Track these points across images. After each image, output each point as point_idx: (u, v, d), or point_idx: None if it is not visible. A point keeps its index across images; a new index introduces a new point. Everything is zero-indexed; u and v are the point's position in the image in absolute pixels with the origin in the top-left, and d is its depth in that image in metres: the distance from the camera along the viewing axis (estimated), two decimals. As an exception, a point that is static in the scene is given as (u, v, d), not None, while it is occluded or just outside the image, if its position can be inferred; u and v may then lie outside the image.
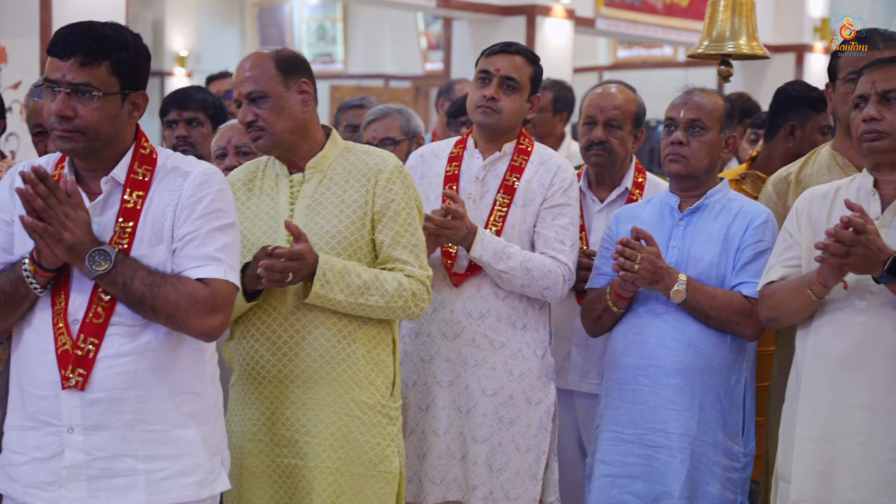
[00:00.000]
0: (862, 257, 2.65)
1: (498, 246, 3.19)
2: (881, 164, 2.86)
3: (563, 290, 3.25)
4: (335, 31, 15.09)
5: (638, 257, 3.06)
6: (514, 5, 7.98)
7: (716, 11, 3.64)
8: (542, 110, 5.68)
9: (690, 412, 3.10)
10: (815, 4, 9.60)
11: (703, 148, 3.18)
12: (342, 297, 2.76)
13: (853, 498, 2.78)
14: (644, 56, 12.95)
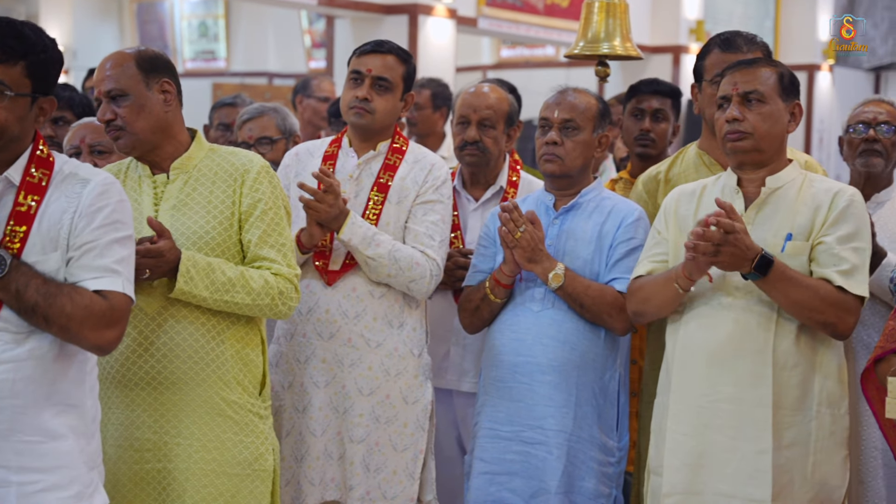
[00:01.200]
0: (731, 255, 2.73)
1: (368, 232, 3.17)
2: (744, 163, 2.94)
3: (429, 286, 3.25)
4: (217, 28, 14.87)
5: (522, 226, 3.09)
6: (396, 4, 7.98)
7: (591, 13, 3.70)
8: (422, 108, 5.69)
9: (566, 408, 3.14)
10: (690, 7, 9.83)
11: (577, 148, 3.23)
12: (207, 294, 2.72)
13: (722, 489, 2.85)
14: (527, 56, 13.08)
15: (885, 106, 3.69)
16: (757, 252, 2.74)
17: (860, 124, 3.65)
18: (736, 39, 3.35)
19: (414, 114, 5.77)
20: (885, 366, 2.84)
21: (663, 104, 4.14)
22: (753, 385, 2.83)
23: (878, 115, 3.64)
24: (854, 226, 2.87)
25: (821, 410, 2.87)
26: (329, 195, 3.12)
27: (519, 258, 3.13)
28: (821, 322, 2.82)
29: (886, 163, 3.64)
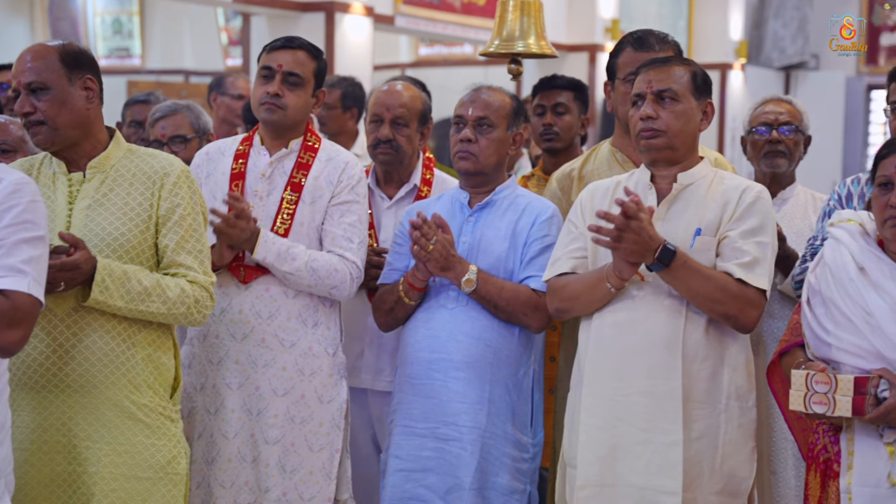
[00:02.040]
0: (633, 243, 2.74)
1: (282, 248, 3.15)
2: (657, 160, 2.98)
3: (351, 288, 3.24)
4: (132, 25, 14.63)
5: (434, 238, 3.09)
6: (313, 2, 7.93)
7: (505, 12, 3.71)
8: (332, 107, 5.67)
9: (480, 405, 3.15)
10: (605, 6, 9.93)
11: (491, 145, 3.24)
12: (122, 304, 2.68)
13: (634, 480, 2.88)
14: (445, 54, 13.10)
15: (785, 105, 3.76)
16: (660, 243, 2.77)
17: (762, 126, 3.72)
18: (648, 38, 3.39)
19: (323, 113, 5.75)
20: (789, 359, 2.90)
21: (564, 97, 4.20)
22: (664, 378, 2.87)
23: (780, 116, 3.71)
24: (758, 221, 2.92)
25: (729, 403, 2.92)
26: (241, 220, 3.10)
27: (432, 268, 3.14)
28: (723, 314, 2.85)
29: (790, 162, 3.72)
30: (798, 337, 2.89)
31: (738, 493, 2.94)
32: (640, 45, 3.36)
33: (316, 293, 3.22)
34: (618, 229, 2.72)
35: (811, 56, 11.73)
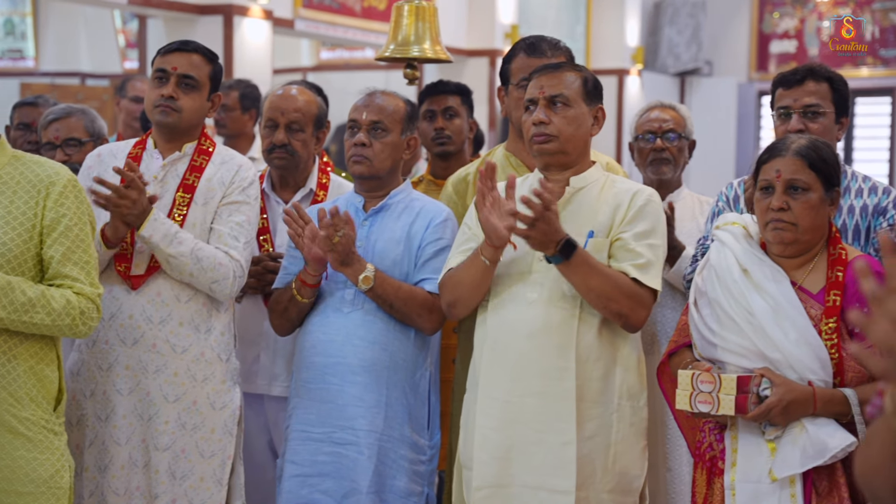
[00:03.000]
0: (543, 233, 2.77)
1: (170, 230, 3.11)
2: (550, 164, 3.02)
3: (232, 287, 3.20)
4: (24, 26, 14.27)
5: (341, 231, 3.09)
6: (211, 4, 7.84)
7: (400, 16, 3.72)
8: (231, 109, 5.63)
9: (377, 408, 3.16)
10: (505, 12, 10.00)
11: (385, 149, 3.25)
12: (4, 315, 2.63)
13: (529, 481, 2.91)
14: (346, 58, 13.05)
15: (669, 112, 3.84)
16: (563, 236, 2.80)
17: (647, 133, 3.80)
18: (541, 44, 3.43)
19: (222, 115, 5.71)
20: (677, 359, 2.96)
21: (453, 101, 4.25)
22: (558, 379, 2.90)
23: (663, 124, 3.79)
24: (650, 224, 2.98)
25: (621, 403, 2.97)
26: (132, 191, 3.04)
27: (332, 261, 3.13)
28: (615, 311, 2.90)
29: (675, 168, 3.81)
30: (686, 338, 2.95)
31: (630, 491, 2.99)
32: (532, 51, 3.40)
33: (197, 285, 3.16)
34: (534, 218, 2.75)
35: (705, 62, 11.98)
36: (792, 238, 2.76)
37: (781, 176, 2.75)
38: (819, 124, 3.31)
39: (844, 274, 2.77)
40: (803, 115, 3.31)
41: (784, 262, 2.83)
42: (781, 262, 2.83)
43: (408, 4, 3.64)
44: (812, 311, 2.75)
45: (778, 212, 2.75)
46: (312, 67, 13.14)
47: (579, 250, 2.83)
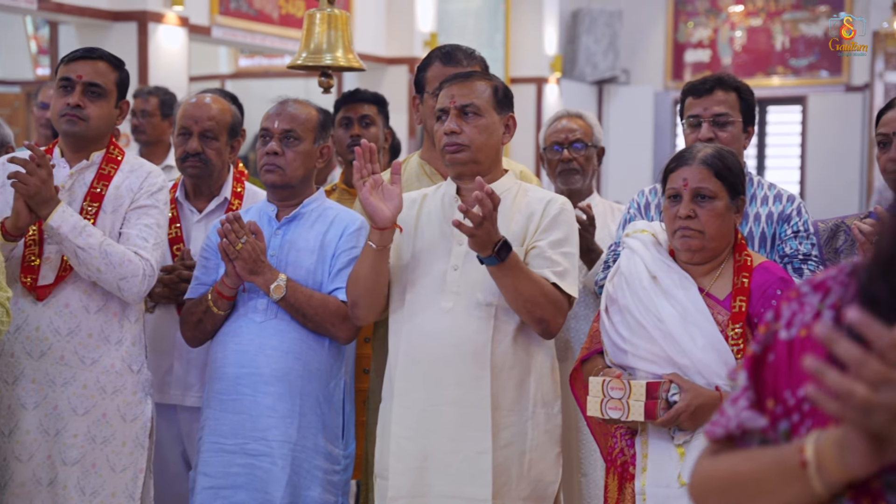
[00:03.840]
0: (488, 233, 2.77)
1: (79, 222, 3.05)
2: (463, 173, 3.03)
3: (142, 286, 3.15)
4: (-67, 32, 13.95)
5: (244, 238, 3.06)
6: (125, 11, 7.72)
7: (312, 24, 3.70)
8: (151, 115, 5.56)
9: (291, 419, 3.13)
10: (424, 20, 10.02)
11: (298, 158, 3.23)
12: None
13: (445, 490, 2.91)
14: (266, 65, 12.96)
15: (576, 121, 3.88)
16: (500, 238, 2.81)
17: (555, 144, 3.84)
18: (456, 53, 3.44)
19: (142, 121, 5.64)
20: (590, 366, 2.99)
21: (369, 110, 4.25)
22: (473, 387, 2.91)
23: (570, 135, 3.83)
24: (564, 232, 3.00)
25: (536, 410, 2.98)
26: (42, 169, 2.98)
27: (240, 270, 3.10)
28: (538, 317, 2.90)
29: (584, 177, 3.84)
30: (598, 344, 2.98)
31: (545, 498, 3.01)
32: (447, 60, 3.42)
33: (105, 283, 3.11)
34: (483, 217, 2.75)
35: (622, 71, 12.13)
36: (699, 245, 2.81)
37: (688, 185, 2.80)
38: (728, 133, 3.37)
39: (750, 280, 2.83)
40: (713, 123, 3.36)
41: (692, 268, 2.87)
42: (689, 269, 2.87)
43: (320, 12, 3.63)
44: (719, 317, 2.79)
45: (685, 220, 2.79)
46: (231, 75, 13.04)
47: (513, 253, 2.84)
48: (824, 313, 1.37)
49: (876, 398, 1.16)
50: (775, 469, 1.32)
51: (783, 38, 11.19)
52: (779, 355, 1.39)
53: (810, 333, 1.37)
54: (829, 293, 1.38)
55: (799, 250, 3.25)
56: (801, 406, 1.35)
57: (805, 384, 1.31)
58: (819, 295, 1.39)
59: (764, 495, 1.34)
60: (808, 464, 1.27)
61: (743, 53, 11.55)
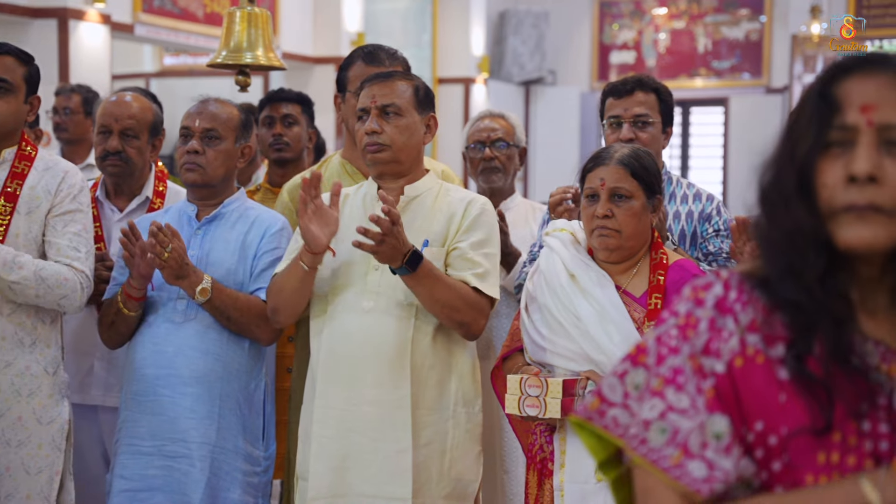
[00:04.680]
0: (392, 248, 2.78)
1: (7, 255, 3.00)
2: (384, 173, 3.03)
3: (81, 299, 3.13)
4: None
5: (169, 246, 3.03)
6: (44, 7, 7.59)
7: (232, 23, 3.67)
8: (74, 113, 5.48)
9: (210, 420, 3.11)
10: (350, 20, 9.99)
11: (219, 157, 3.21)
12: None
13: (365, 490, 2.92)
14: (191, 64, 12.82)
15: (499, 121, 3.91)
16: (410, 248, 2.82)
17: (477, 143, 3.86)
18: (378, 53, 3.45)
19: (64, 118, 5.55)
20: (510, 363, 3.02)
21: (293, 110, 4.25)
22: (393, 387, 2.92)
23: (492, 134, 3.86)
24: (485, 233, 3.02)
25: (457, 409, 3.00)
26: None
27: (167, 277, 3.07)
28: (458, 321, 2.93)
29: (506, 176, 3.87)
30: (518, 342, 3.01)
31: (466, 497, 3.03)
32: (370, 60, 3.42)
33: (44, 304, 3.08)
34: (384, 234, 2.75)
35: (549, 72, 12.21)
36: (616, 244, 2.85)
37: (605, 184, 2.83)
38: (648, 133, 3.42)
39: (665, 277, 2.87)
40: (633, 124, 3.41)
41: (609, 267, 2.91)
42: (607, 268, 2.91)
43: (240, 11, 3.60)
44: (635, 315, 2.83)
45: (602, 219, 2.82)
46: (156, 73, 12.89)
47: (425, 262, 2.85)
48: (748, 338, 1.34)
49: None
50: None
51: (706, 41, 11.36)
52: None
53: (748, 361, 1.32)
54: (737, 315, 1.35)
55: (722, 248, 3.31)
56: (767, 440, 1.30)
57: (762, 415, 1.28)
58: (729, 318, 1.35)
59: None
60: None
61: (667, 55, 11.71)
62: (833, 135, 1.34)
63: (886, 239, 1.29)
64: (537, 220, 3.75)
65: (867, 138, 1.31)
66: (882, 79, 1.32)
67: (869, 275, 1.34)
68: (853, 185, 1.30)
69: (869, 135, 1.31)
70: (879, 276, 1.33)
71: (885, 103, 1.31)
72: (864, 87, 1.33)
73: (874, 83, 1.32)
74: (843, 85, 1.34)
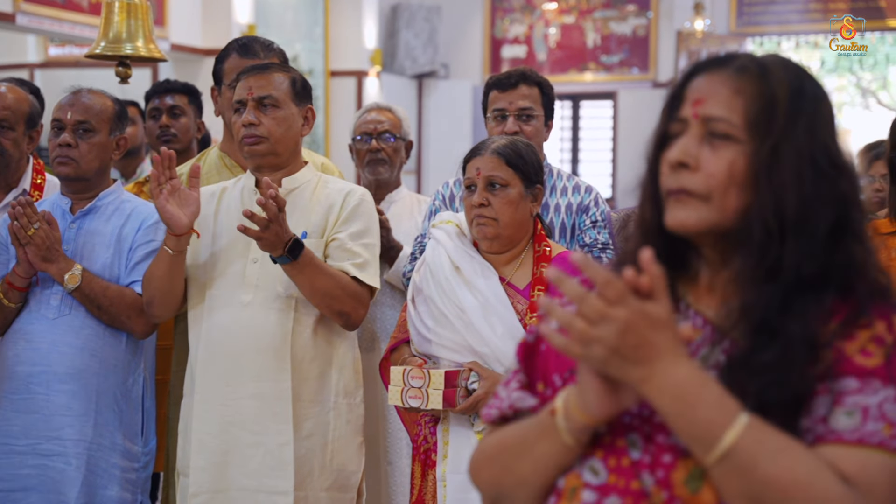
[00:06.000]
0: (275, 235, 2.75)
1: None
2: (262, 165, 3.01)
3: None
4: None
5: (37, 223, 2.96)
6: (-81, -5, 7.35)
7: (111, 13, 3.59)
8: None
9: (86, 416, 3.06)
10: (241, 11, 9.87)
11: (93, 150, 3.15)
12: None
13: (247, 483, 2.90)
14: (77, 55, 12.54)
15: (386, 114, 3.92)
16: (291, 236, 2.81)
17: (364, 135, 3.87)
18: (253, 45, 3.43)
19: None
20: (397, 355, 3.03)
21: (179, 100, 4.19)
22: (274, 380, 2.91)
23: (379, 126, 3.87)
24: (364, 223, 3.02)
25: (338, 401, 3.00)
26: None
27: (32, 257, 3.01)
28: (338, 311, 2.92)
29: (392, 169, 3.88)
30: (405, 333, 3.02)
31: (348, 487, 3.03)
32: (245, 52, 3.39)
33: None
34: (268, 220, 2.72)
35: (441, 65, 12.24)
36: (494, 233, 2.86)
37: (481, 173, 2.86)
38: (532, 126, 3.46)
39: None
40: (518, 117, 3.45)
41: (493, 258, 2.93)
42: (491, 259, 2.93)
43: (118, 1, 3.53)
44: (518, 306, 2.86)
45: (479, 208, 2.84)
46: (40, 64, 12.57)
47: (306, 251, 2.84)
48: None
49: (592, 332, 1.26)
50: (534, 428, 1.42)
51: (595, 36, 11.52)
52: (549, 345, 1.46)
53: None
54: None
55: (598, 240, 3.36)
56: (567, 387, 1.43)
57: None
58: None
59: (525, 455, 1.43)
60: (557, 411, 1.37)
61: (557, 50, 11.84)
62: (673, 127, 1.44)
63: (698, 221, 1.38)
64: (422, 212, 3.77)
65: (693, 129, 1.41)
66: (718, 76, 1.42)
67: (712, 257, 1.43)
68: (673, 172, 1.41)
69: (695, 126, 1.41)
70: (721, 259, 1.42)
71: (712, 97, 1.40)
72: (702, 83, 1.43)
73: (709, 80, 1.42)
74: (691, 82, 1.44)
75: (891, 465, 1.26)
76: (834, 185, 1.37)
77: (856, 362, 1.30)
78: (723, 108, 1.39)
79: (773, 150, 1.36)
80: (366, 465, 3.14)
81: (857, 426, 1.27)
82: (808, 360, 1.30)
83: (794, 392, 1.29)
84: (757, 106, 1.38)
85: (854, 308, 1.34)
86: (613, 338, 1.25)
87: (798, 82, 1.41)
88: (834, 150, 1.40)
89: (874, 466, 1.25)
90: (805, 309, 1.33)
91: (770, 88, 1.39)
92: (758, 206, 1.35)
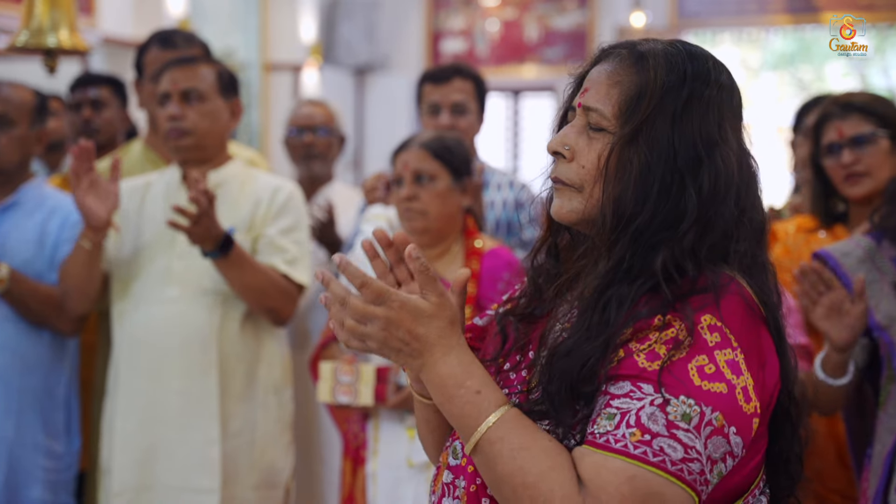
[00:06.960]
0: (206, 229, 2.71)
1: None
2: (187, 159, 2.97)
3: None
4: None
5: None
6: None
7: (33, 3, 3.51)
8: None
9: (7, 416, 2.98)
10: (174, 2, 9.73)
11: (12, 144, 3.07)
12: None
13: (172, 482, 2.86)
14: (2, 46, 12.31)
15: (319, 108, 3.89)
16: (222, 231, 2.76)
17: (297, 130, 3.83)
18: (174, 37, 3.39)
19: None
20: (328, 351, 2.99)
21: (102, 92, 4.10)
22: (201, 376, 2.87)
23: (312, 120, 3.83)
24: (293, 219, 2.99)
25: (266, 398, 2.96)
26: None
27: None
28: (267, 307, 2.89)
29: (325, 163, 3.85)
30: (333, 330, 2.98)
31: (276, 485, 3.00)
32: (166, 44, 3.35)
33: None
34: (199, 215, 2.68)
35: (381, 59, 12.18)
36: (423, 226, 2.83)
37: (408, 167, 2.82)
38: (466, 120, 3.44)
39: (480, 264, 2.88)
40: (452, 111, 3.42)
41: (425, 253, 2.89)
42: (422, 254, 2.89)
43: (41, -9, 3.44)
44: (450, 301, 2.83)
45: (408, 201, 2.81)
46: (-32, 56, 12.30)
47: (236, 246, 2.80)
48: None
49: (361, 329, 1.31)
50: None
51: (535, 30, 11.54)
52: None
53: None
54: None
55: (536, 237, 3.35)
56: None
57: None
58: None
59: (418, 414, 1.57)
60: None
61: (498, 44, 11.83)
62: (569, 115, 1.45)
63: (570, 211, 1.40)
64: (356, 206, 3.73)
65: (577, 119, 1.41)
66: (604, 66, 1.41)
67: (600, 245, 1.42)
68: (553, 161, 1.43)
69: (580, 115, 1.41)
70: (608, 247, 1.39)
71: (594, 88, 1.40)
72: (593, 72, 1.43)
73: (598, 70, 1.42)
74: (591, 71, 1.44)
75: (627, 471, 1.23)
76: (694, 176, 1.34)
77: (638, 364, 1.28)
78: (600, 99, 1.38)
79: (628, 141, 1.35)
80: (298, 463, 3.11)
81: (608, 430, 1.26)
82: (598, 356, 1.30)
83: (572, 385, 1.30)
84: (627, 97, 1.37)
85: (655, 308, 1.31)
86: (379, 334, 1.30)
87: (678, 72, 1.37)
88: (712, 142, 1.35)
89: (608, 471, 1.24)
90: (612, 305, 1.32)
91: (642, 79, 1.37)
92: (604, 197, 1.36)
